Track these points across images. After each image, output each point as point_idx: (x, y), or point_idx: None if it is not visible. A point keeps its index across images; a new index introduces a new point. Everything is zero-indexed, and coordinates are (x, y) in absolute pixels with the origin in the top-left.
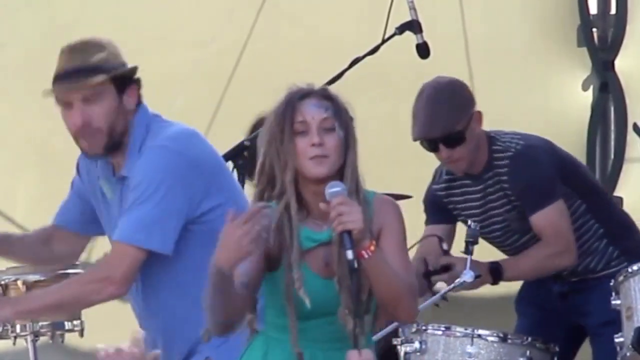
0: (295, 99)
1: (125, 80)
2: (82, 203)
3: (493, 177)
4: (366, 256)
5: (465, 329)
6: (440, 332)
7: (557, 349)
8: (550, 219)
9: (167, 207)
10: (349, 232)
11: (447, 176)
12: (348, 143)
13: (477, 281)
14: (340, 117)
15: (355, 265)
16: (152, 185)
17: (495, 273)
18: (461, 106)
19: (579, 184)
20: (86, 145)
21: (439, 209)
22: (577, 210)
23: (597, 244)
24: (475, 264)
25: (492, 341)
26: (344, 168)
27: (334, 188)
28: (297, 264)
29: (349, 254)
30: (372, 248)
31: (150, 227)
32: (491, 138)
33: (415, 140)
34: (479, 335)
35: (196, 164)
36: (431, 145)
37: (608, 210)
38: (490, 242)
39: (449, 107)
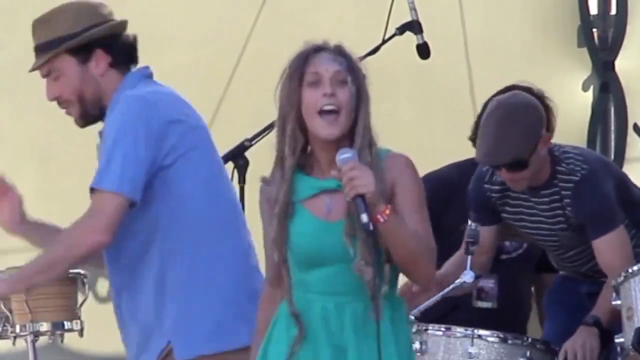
0: (310, 52)
1: (85, 48)
2: None
3: (552, 196)
4: (382, 220)
5: (466, 330)
6: (440, 333)
7: (557, 348)
8: (616, 246)
9: (134, 153)
10: (362, 196)
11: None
12: (360, 98)
13: None
14: (354, 72)
15: (371, 227)
16: (120, 132)
17: (598, 326)
18: (531, 133)
19: (627, 199)
20: (70, 115)
21: (487, 209)
22: (626, 227)
23: (637, 250)
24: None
25: (492, 341)
26: (355, 126)
27: (344, 154)
28: (278, 219)
29: (364, 218)
30: (387, 212)
31: (117, 171)
32: (555, 157)
33: (479, 163)
34: (480, 336)
35: (166, 116)
36: (493, 167)
37: None
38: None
39: (519, 134)
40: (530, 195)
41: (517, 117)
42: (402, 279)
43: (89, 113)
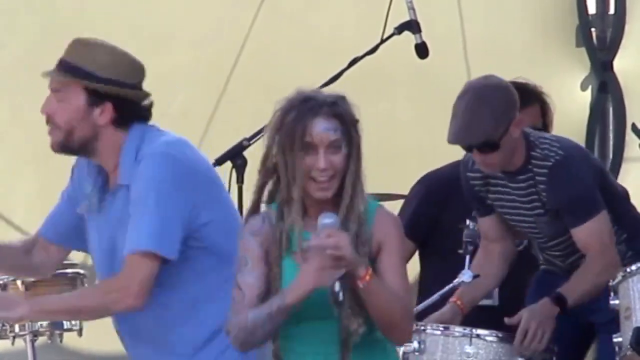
0: (306, 115)
1: (100, 96)
2: (71, 215)
3: (527, 181)
4: (361, 286)
5: (464, 329)
6: (439, 332)
7: (556, 349)
8: (595, 232)
9: (171, 214)
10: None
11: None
12: (351, 159)
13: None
14: (349, 136)
15: (341, 298)
16: (154, 192)
17: (559, 302)
18: (502, 114)
19: (607, 190)
20: (50, 135)
21: (476, 199)
22: None
23: (619, 247)
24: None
25: (490, 341)
26: (343, 187)
27: (325, 220)
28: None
29: (336, 286)
30: (368, 277)
31: (157, 232)
32: (530, 142)
33: (450, 143)
34: (478, 335)
35: (194, 170)
36: (465, 148)
37: (629, 214)
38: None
39: (489, 114)
40: (508, 181)
41: (487, 98)
42: None
43: (69, 146)
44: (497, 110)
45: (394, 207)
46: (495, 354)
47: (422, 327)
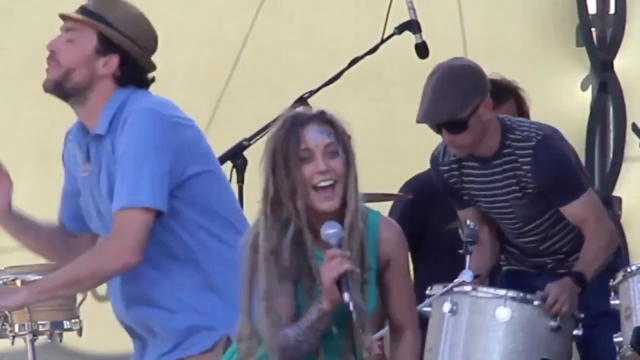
0: (296, 126)
1: (110, 46)
2: (76, 197)
3: (503, 165)
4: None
5: (496, 290)
6: (471, 294)
7: (582, 315)
8: (589, 206)
9: (159, 167)
10: (345, 275)
11: (453, 157)
12: (349, 165)
13: None
14: (342, 140)
15: (352, 307)
16: (141, 146)
17: (579, 281)
18: (469, 92)
19: (581, 172)
20: (47, 72)
21: (452, 192)
22: None
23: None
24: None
25: (522, 304)
26: (347, 195)
27: (329, 230)
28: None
29: (346, 297)
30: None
31: (147, 186)
32: (506, 126)
33: (418, 122)
34: (512, 297)
35: (180, 125)
36: (434, 128)
37: None
38: (504, 228)
39: (456, 92)
40: (482, 168)
41: (455, 77)
42: None
43: (63, 87)
44: (463, 89)
45: None
46: (529, 316)
47: (455, 289)
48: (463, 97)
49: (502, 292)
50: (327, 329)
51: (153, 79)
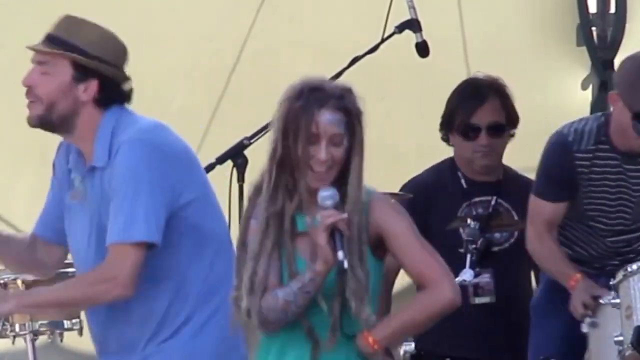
0: (313, 106)
1: (87, 72)
2: (61, 212)
3: None
4: (377, 347)
5: None
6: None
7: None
8: None
9: (153, 200)
10: (340, 233)
11: (594, 146)
12: (355, 151)
13: None
14: (352, 130)
15: (346, 265)
16: (134, 180)
17: None
18: None
19: None
20: (28, 109)
21: (569, 181)
22: None
23: None
24: None
25: None
26: (348, 173)
27: (325, 192)
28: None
29: (340, 255)
30: (371, 339)
31: (142, 221)
32: None
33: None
34: None
35: (171, 152)
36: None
37: None
38: (596, 226)
39: None
40: (624, 162)
41: None
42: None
43: (50, 122)
44: None
45: None
46: None
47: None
48: None
49: None
50: (316, 305)
51: (131, 91)
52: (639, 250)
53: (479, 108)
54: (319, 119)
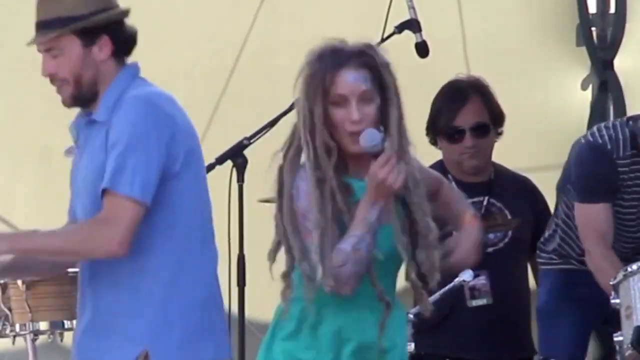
0: (334, 67)
1: (92, 32)
2: None
3: None
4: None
5: None
6: None
7: None
8: None
9: (151, 158)
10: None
11: (631, 151)
12: (389, 102)
13: None
14: (380, 83)
15: (382, 147)
16: (137, 134)
17: None
18: None
19: None
20: (60, 93)
21: (612, 185)
22: None
23: None
24: None
25: None
26: (388, 128)
27: (369, 138)
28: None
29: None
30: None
31: (144, 180)
32: None
33: None
34: None
35: (174, 122)
36: None
37: None
38: (625, 230)
39: None
40: None
41: None
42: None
43: (82, 96)
44: None
45: None
46: None
47: None
48: None
49: None
50: (374, 258)
51: (136, 32)
52: None
53: (461, 110)
54: (342, 79)
